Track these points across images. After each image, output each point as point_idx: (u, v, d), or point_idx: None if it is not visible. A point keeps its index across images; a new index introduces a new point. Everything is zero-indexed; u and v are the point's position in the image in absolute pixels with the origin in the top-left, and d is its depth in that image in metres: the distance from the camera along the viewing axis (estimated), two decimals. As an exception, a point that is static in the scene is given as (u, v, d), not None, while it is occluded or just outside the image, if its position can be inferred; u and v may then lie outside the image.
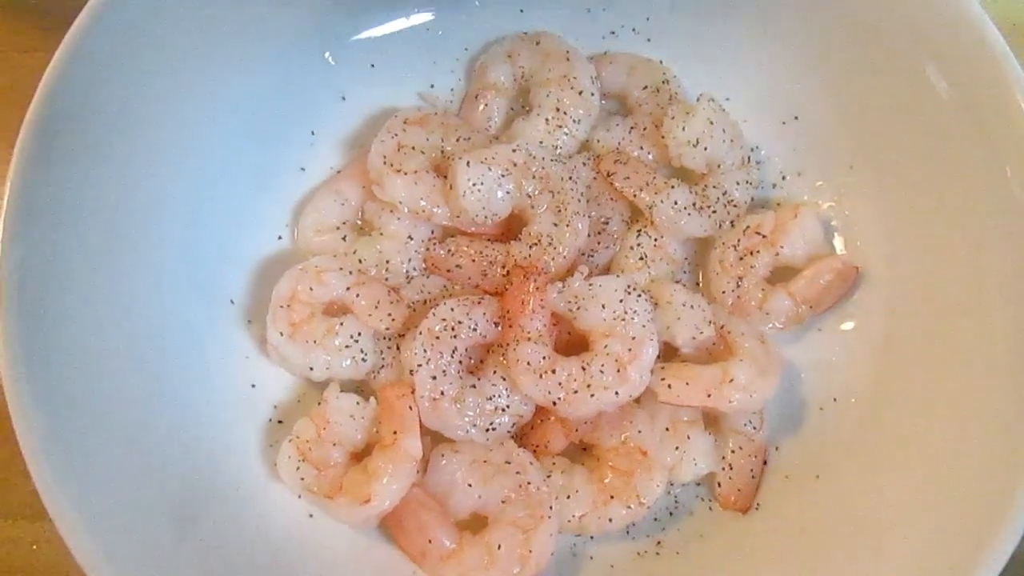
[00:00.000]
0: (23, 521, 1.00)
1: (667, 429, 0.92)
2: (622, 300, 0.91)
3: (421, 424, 0.88)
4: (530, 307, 0.90)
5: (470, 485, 0.88)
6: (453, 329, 0.90)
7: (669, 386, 0.90)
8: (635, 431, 0.91)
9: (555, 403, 0.89)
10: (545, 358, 0.89)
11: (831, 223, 1.01)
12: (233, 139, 0.96)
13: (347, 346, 0.92)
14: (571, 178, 0.96)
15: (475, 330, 0.91)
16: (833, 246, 1.01)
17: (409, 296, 0.96)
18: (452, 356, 0.90)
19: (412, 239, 0.96)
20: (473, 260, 0.95)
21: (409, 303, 0.95)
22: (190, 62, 0.90)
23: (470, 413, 0.89)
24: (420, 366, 0.89)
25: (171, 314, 0.90)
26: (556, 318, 0.92)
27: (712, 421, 0.95)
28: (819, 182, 1.03)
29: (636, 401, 0.92)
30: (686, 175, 1.02)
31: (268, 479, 0.91)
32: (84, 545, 0.73)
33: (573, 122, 1.01)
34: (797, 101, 1.02)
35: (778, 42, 1.01)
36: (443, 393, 0.89)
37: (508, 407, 0.90)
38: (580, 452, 0.96)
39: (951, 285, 0.89)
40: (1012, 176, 0.83)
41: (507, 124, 1.05)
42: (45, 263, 0.79)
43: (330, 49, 1.02)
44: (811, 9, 0.96)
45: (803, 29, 0.98)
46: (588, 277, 0.93)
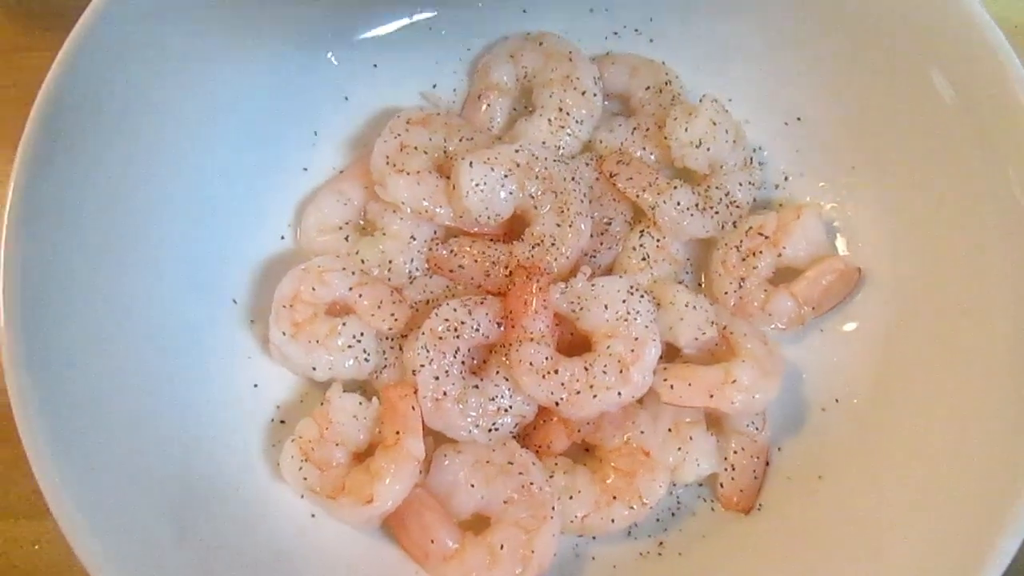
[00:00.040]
0: (25, 520, 1.00)
1: (669, 430, 0.92)
2: (625, 301, 0.91)
3: (424, 424, 0.88)
4: (533, 307, 0.90)
5: (472, 485, 0.88)
6: (456, 329, 0.90)
7: (671, 387, 0.90)
8: (637, 432, 0.91)
9: (557, 403, 0.89)
10: (548, 359, 0.89)
11: (833, 224, 1.01)
12: (235, 139, 0.96)
13: (350, 346, 0.92)
14: (574, 179, 0.96)
15: (478, 330, 0.91)
16: (835, 247, 1.01)
17: (412, 296, 0.96)
18: (455, 356, 0.90)
19: (415, 239, 0.96)
20: (476, 260, 0.95)
21: (412, 303, 0.95)
22: (192, 62, 0.90)
23: (473, 413, 0.89)
24: (423, 366, 0.89)
25: (173, 314, 0.90)
26: (559, 319, 0.92)
27: (714, 422, 0.95)
28: (821, 183, 1.03)
29: (639, 402, 0.92)
30: (689, 176, 1.02)
31: (270, 479, 0.91)
32: (87, 544, 0.73)
33: (576, 123, 1.01)
34: (799, 102, 1.02)
35: (780, 43, 1.01)
36: (446, 393, 0.89)
37: (511, 407, 0.90)
38: (582, 453, 0.96)
39: (953, 286, 0.89)
40: (1014, 178, 0.83)
41: (510, 124, 1.05)
42: (47, 263, 0.79)
43: (332, 49, 1.02)
44: (814, 10, 0.96)
45: (805, 30, 0.98)
46: (591, 278, 0.93)
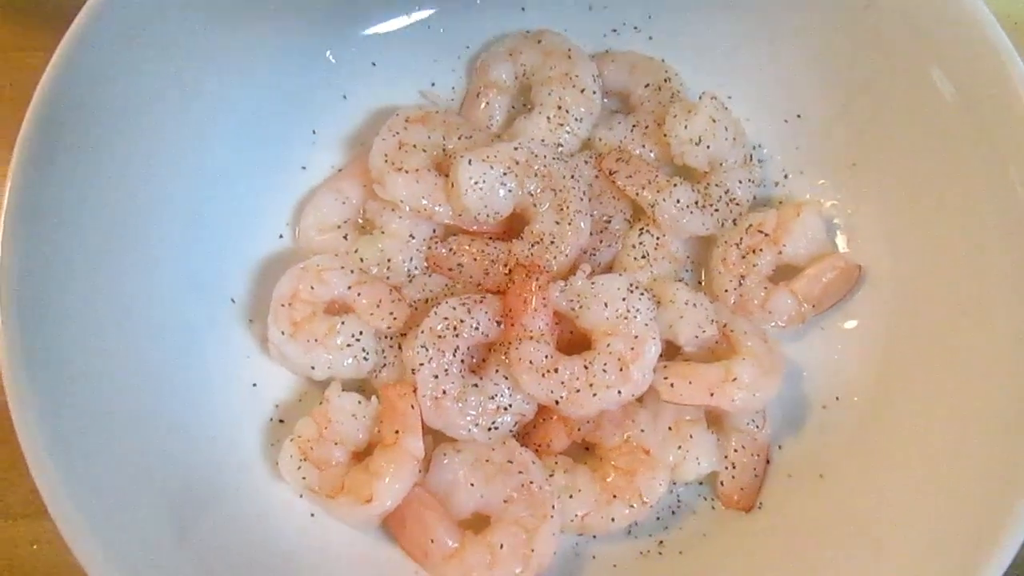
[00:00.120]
0: (23, 520, 0.99)
1: (670, 428, 0.91)
2: (624, 299, 0.90)
3: (423, 423, 0.88)
4: (532, 306, 0.90)
5: (472, 484, 0.88)
6: (455, 328, 0.90)
7: (672, 385, 0.90)
8: (638, 430, 0.91)
9: (557, 402, 0.88)
10: (547, 357, 0.89)
11: (833, 221, 1.01)
12: (234, 138, 0.96)
13: (348, 345, 0.92)
14: (573, 176, 0.96)
15: (477, 329, 0.91)
16: (835, 245, 1.01)
17: (411, 295, 0.96)
18: (454, 355, 0.90)
19: (414, 238, 0.96)
20: (475, 259, 0.94)
21: (411, 302, 0.95)
22: (190, 61, 0.90)
23: (472, 412, 0.89)
24: (422, 365, 0.89)
25: (172, 313, 0.90)
26: (558, 317, 0.92)
27: (715, 420, 0.95)
28: (821, 180, 1.02)
29: (639, 400, 0.92)
30: (688, 173, 1.02)
31: (270, 479, 0.91)
32: (84, 545, 0.72)
33: (575, 120, 1.01)
34: (799, 99, 1.02)
35: (780, 40, 1.00)
36: (445, 392, 0.88)
37: (510, 406, 0.90)
38: (582, 451, 0.96)
39: (953, 284, 0.88)
40: (1015, 175, 0.82)
41: (509, 122, 1.04)
42: (45, 263, 0.78)
43: (331, 47, 1.02)
44: (813, 7, 0.96)
45: (805, 27, 0.98)
46: (590, 276, 0.93)
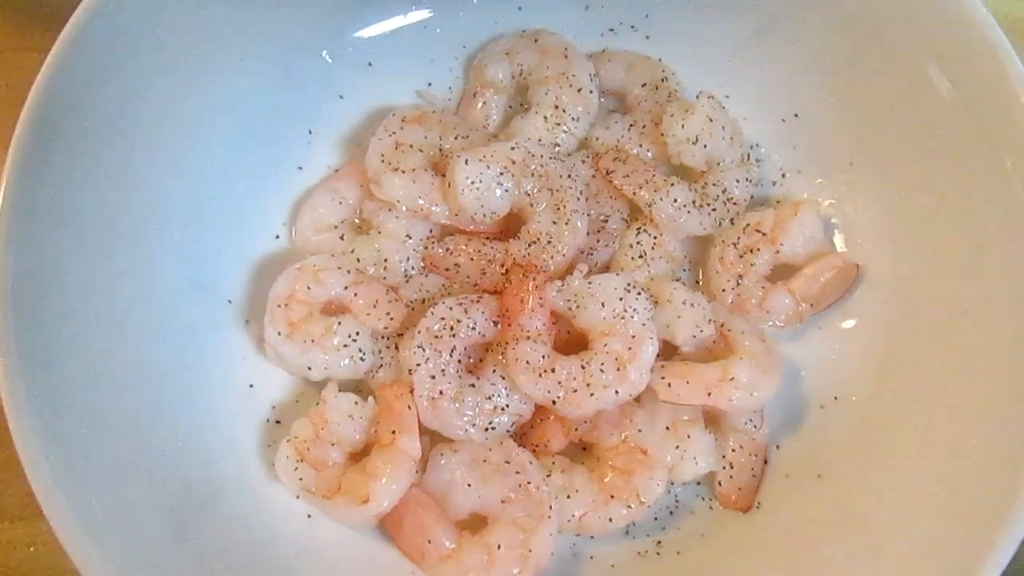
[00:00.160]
0: (20, 522, 0.99)
1: (667, 428, 0.91)
2: (622, 298, 0.90)
3: (420, 424, 0.88)
4: (529, 306, 0.90)
5: (469, 485, 0.88)
6: (452, 328, 0.90)
7: (669, 385, 0.90)
8: (635, 430, 0.91)
9: (554, 402, 0.88)
10: (544, 357, 0.89)
11: (831, 221, 1.01)
12: (230, 138, 0.96)
13: (345, 345, 0.92)
14: (570, 176, 0.96)
15: (474, 329, 0.90)
16: (833, 244, 1.01)
17: (407, 295, 0.95)
18: (451, 355, 0.89)
19: (410, 238, 0.96)
20: (472, 259, 0.94)
21: (407, 302, 0.95)
22: (187, 61, 0.90)
23: (469, 412, 0.89)
24: (419, 365, 0.88)
25: (168, 314, 0.90)
26: (555, 317, 0.92)
27: (712, 420, 0.95)
28: (819, 179, 1.02)
29: (636, 400, 0.92)
30: (685, 173, 1.02)
31: (266, 479, 0.91)
32: (81, 547, 0.72)
33: (572, 120, 1.01)
34: (797, 98, 1.02)
35: (777, 39, 1.00)
36: (442, 392, 0.88)
37: (507, 406, 0.90)
38: (580, 451, 0.95)
39: (952, 282, 0.88)
40: (1013, 173, 0.83)
41: (506, 122, 1.04)
42: (42, 263, 0.79)
43: (328, 48, 1.01)
44: (811, 6, 0.96)
45: (803, 26, 0.98)
46: (587, 275, 0.93)
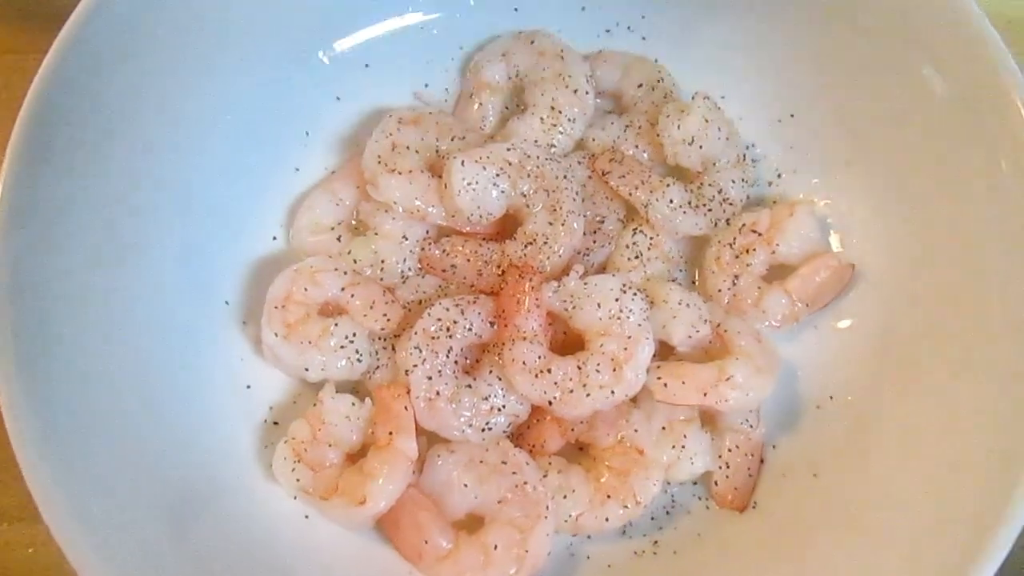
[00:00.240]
0: (19, 524, 0.99)
1: (663, 428, 0.91)
2: (617, 299, 0.90)
3: (417, 424, 0.88)
4: (525, 306, 0.90)
5: (466, 485, 0.88)
6: (448, 329, 0.90)
7: (665, 385, 0.90)
8: (631, 430, 0.91)
9: (551, 403, 0.88)
10: (541, 357, 0.89)
11: (827, 220, 1.01)
12: (227, 140, 0.96)
13: (342, 347, 0.92)
14: (566, 177, 0.96)
15: (470, 330, 0.91)
16: (829, 243, 1.01)
17: (404, 296, 0.96)
18: (447, 356, 0.90)
19: (407, 239, 0.96)
20: (468, 260, 0.94)
21: (404, 303, 0.95)
22: (183, 62, 0.90)
23: (466, 413, 0.89)
24: (415, 366, 0.88)
25: (166, 315, 0.90)
26: (552, 317, 0.92)
27: (709, 419, 0.95)
28: (814, 179, 1.02)
29: (632, 400, 0.92)
30: (681, 173, 1.02)
31: (264, 481, 0.91)
32: (79, 549, 0.72)
33: (568, 121, 1.01)
34: (792, 99, 1.02)
35: (773, 40, 1.00)
36: (439, 393, 0.88)
37: (504, 407, 0.90)
38: (576, 452, 0.95)
39: (947, 281, 0.89)
40: (1008, 172, 0.82)
41: (502, 123, 1.04)
42: (39, 264, 0.79)
43: (324, 49, 1.02)
44: (806, 6, 0.96)
45: (798, 26, 0.98)
46: (583, 276, 0.93)
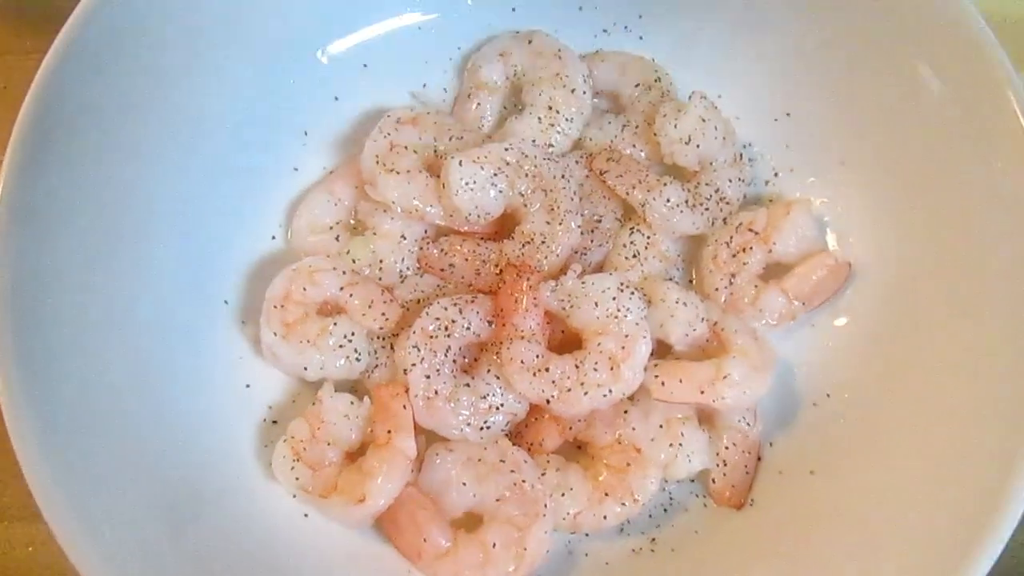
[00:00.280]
0: (19, 523, 1.00)
1: (661, 426, 0.91)
2: (615, 298, 0.91)
3: (415, 423, 0.88)
4: (523, 305, 0.90)
5: (464, 484, 0.88)
6: (447, 328, 0.90)
7: (663, 383, 0.90)
8: (629, 428, 0.91)
9: (549, 401, 0.89)
10: (538, 356, 0.89)
11: (824, 219, 1.01)
12: (226, 139, 0.96)
13: (341, 346, 0.92)
14: (564, 176, 0.96)
15: (469, 329, 0.91)
16: (826, 242, 1.01)
17: (403, 295, 0.96)
18: (446, 355, 0.90)
19: (405, 238, 0.96)
20: (466, 259, 0.95)
21: (403, 302, 0.95)
22: (182, 62, 0.90)
23: (464, 412, 0.89)
24: (414, 365, 0.89)
25: (165, 315, 0.90)
26: (549, 316, 0.92)
27: (706, 418, 0.95)
28: (811, 178, 1.03)
29: (630, 399, 0.92)
30: (678, 173, 1.03)
31: (263, 479, 0.91)
32: (79, 547, 0.73)
33: (565, 120, 1.02)
34: (789, 98, 1.02)
35: (770, 39, 1.01)
36: (437, 392, 0.89)
37: (502, 405, 0.90)
38: (574, 450, 0.96)
39: (943, 279, 0.89)
40: (1003, 170, 0.83)
41: (500, 123, 1.05)
42: (39, 264, 0.79)
43: (322, 49, 1.02)
44: (802, 6, 0.96)
45: (794, 26, 0.98)
46: (581, 275, 0.93)
